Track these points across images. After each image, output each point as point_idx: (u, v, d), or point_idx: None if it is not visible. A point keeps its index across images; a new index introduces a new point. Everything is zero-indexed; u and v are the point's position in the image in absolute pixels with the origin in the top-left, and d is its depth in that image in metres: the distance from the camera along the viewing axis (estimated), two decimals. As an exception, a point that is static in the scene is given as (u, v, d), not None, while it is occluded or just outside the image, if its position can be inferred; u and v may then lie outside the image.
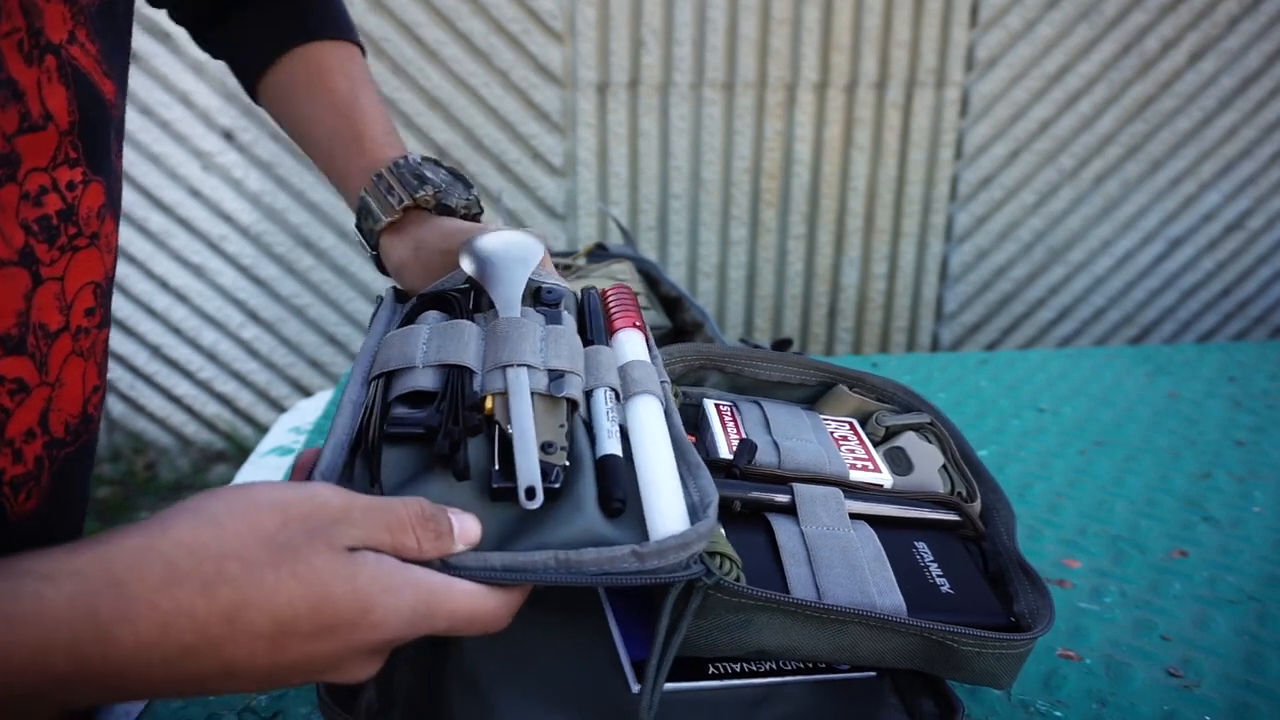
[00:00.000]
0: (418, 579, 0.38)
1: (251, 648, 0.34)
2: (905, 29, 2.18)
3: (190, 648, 0.33)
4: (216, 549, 0.34)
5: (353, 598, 0.35)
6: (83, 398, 0.48)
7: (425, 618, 0.37)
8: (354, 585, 0.36)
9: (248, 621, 0.34)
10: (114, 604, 0.32)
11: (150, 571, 0.33)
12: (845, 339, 2.46)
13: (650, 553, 0.39)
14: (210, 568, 0.34)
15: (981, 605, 0.51)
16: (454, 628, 0.39)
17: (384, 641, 0.37)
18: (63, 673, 0.31)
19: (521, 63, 2.13)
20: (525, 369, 0.45)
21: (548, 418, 0.44)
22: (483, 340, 0.47)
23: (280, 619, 0.34)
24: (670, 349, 0.62)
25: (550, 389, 0.45)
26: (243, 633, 0.34)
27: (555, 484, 0.41)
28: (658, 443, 0.46)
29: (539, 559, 0.38)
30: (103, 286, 0.49)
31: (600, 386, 0.47)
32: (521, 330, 0.47)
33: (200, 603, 0.33)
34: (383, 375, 0.47)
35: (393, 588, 0.37)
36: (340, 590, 0.35)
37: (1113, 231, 2.43)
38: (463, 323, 0.48)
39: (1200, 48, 2.28)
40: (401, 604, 0.37)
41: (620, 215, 2.26)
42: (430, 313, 0.51)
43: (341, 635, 0.36)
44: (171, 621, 0.32)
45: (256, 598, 0.34)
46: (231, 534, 0.35)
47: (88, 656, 0.31)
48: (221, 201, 2.18)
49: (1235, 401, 1.06)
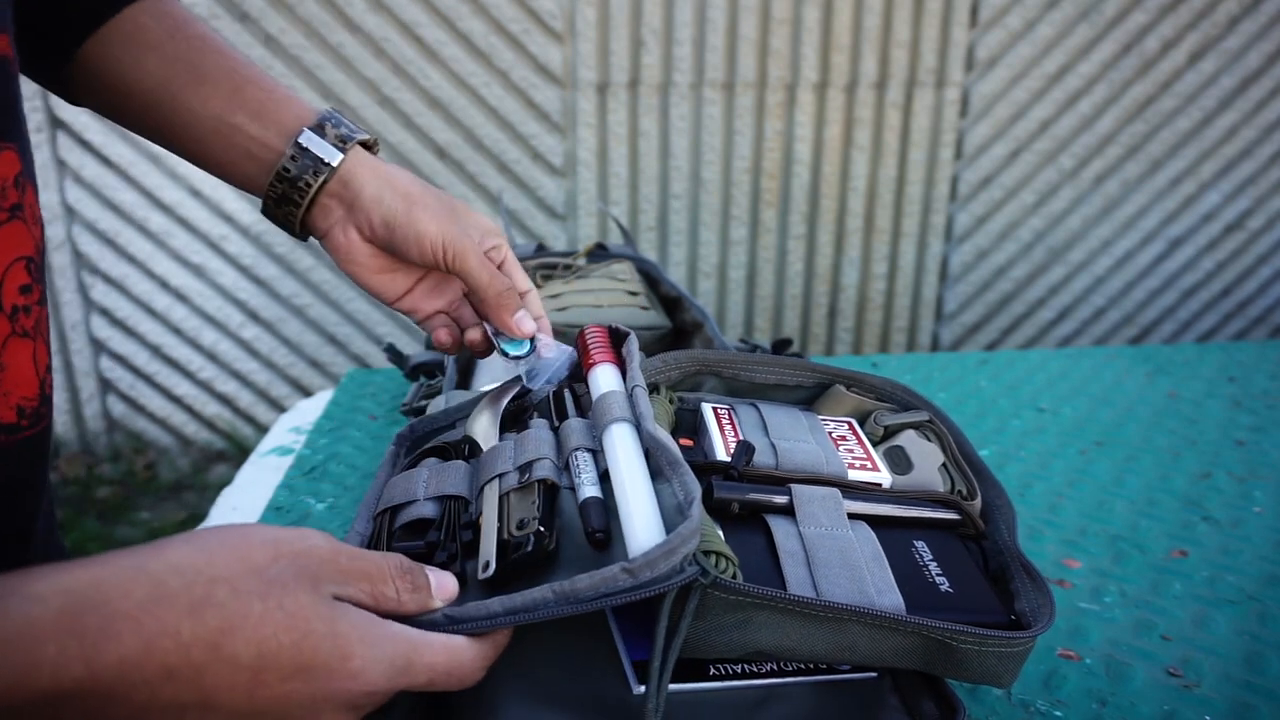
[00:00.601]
0: (395, 633, 0.39)
1: (232, 679, 0.34)
2: (905, 29, 2.18)
3: (172, 670, 0.33)
4: (208, 574, 0.35)
5: (332, 641, 0.36)
6: (38, 379, 0.47)
7: (404, 671, 0.38)
8: (334, 629, 0.36)
9: (231, 650, 0.34)
10: (100, 621, 0.32)
11: (138, 589, 0.33)
12: (845, 339, 2.46)
13: (639, 566, 0.40)
14: (199, 591, 0.34)
15: (981, 604, 0.51)
16: (433, 681, 0.40)
17: (363, 693, 0.37)
18: (48, 690, 0.31)
19: (521, 63, 2.13)
20: (496, 481, 0.52)
21: (521, 503, 0.50)
22: (472, 473, 0.56)
23: (263, 650, 0.35)
24: (666, 356, 0.62)
25: (520, 481, 0.51)
26: (225, 661, 0.34)
27: (528, 548, 0.46)
28: (630, 465, 0.49)
29: (537, 595, 0.41)
30: (35, 261, 0.47)
31: (574, 451, 0.53)
32: (494, 453, 0.55)
33: (186, 624, 0.33)
34: (388, 510, 0.54)
35: (371, 639, 0.37)
36: (321, 630, 0.36)
37: (1113, 231, 2.43)
38: (456, 463, 0.56)
39: (1200, 48, 2.28)
40: (380, 655, 0.37)
41: (620, 215, 2.26)
42: (429, 459, 0.58)
43: (320, 679, 0.36)
44: (155, 641, 0.33)
45: (242, 626, 0.34)
46: (223, 562, 0.35)
47: (73, 674, 0.31)
48: (221, 201, 2.18)
49: (1235, 401, 1.06)
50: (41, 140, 2.09)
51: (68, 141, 2.11)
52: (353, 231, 0.60)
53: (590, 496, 0.49)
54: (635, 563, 0.41)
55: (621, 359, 0.58)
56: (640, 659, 0.48)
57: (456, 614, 0.41)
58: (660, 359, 0.62)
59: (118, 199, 2.15)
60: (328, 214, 0.60)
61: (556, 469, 0.52)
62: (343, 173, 0.58)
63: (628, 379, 0.55)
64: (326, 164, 0.58)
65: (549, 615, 0.41)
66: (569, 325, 0.91)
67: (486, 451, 0.56)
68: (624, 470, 0.49)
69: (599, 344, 0.59)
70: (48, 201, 2.13)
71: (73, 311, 2.22)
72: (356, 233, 0.60)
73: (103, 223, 2.17)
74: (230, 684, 0.34)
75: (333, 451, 0.88)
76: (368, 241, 0.60)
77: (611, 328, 0.60)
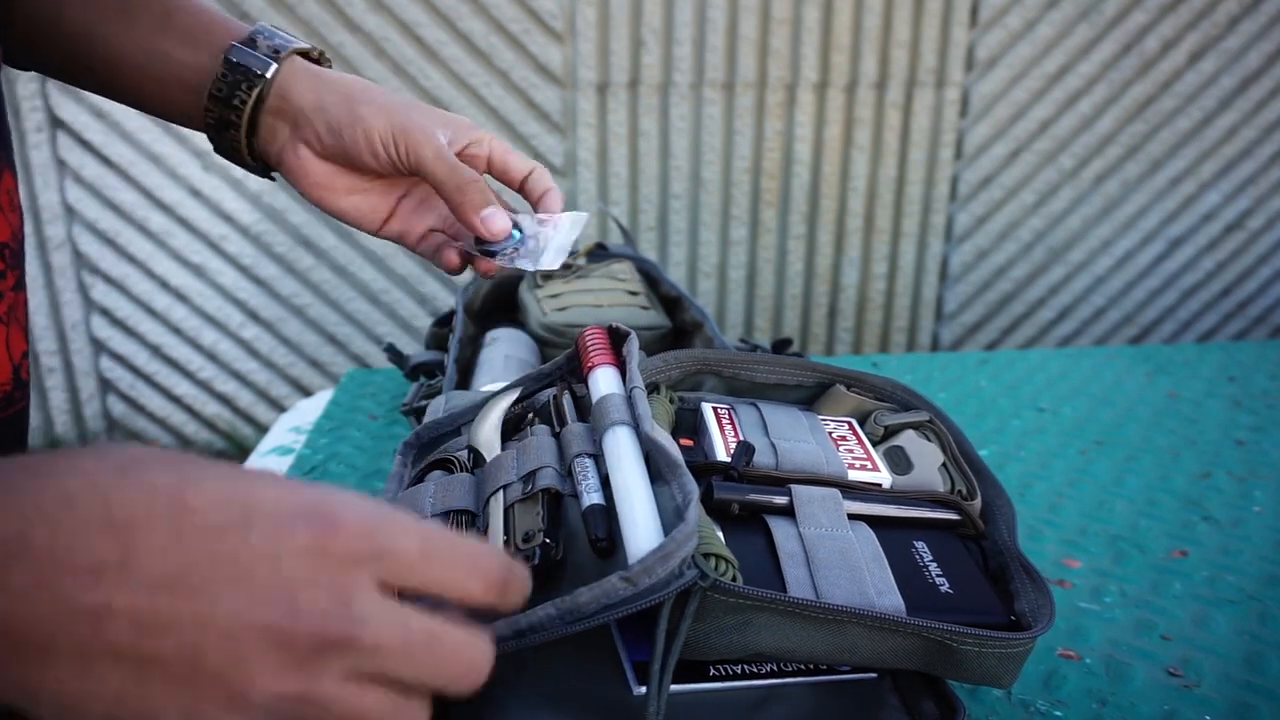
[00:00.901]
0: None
1: (150, 504, 0.27)
2: (905, 29, 2.18)
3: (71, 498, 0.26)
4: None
5: (272, 483, 0.29)
6: (11, 364, 0.46)
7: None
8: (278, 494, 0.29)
9: (142, 477, 0.27)
10: None
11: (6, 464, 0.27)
12: (845, 339, 2.46)
13: (637, 574, 0.40)
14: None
15: (981, 604, 0.51)
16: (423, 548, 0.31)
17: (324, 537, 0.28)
18: None
19: (521, 63, 2.13)
20: (500, 492, 0.52)
21: (526, 514, 0.50)
22: (477, 485, 0.56)
23: (183, 475, 0.28)
24: (666, 355, 0.62)
25: (524, 492, 0.51)
26: (137, 486, 0.27)
27: (535, 561, 0.46)
28: (628, 469, 0.49)
29: (540, 615, 0.41)
30: (11, 248, 0.46)
31: (575, 457, 0.53)
32: (497, 464, 0.55)
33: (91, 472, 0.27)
34: None
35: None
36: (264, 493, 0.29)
37: (1113, 231, 2.43)
38: (461, 476, 0.56)
39: (1200, 48, 2.28)
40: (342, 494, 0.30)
41: (620, 215, 2.26)
42: (435, 472, 0.58)
43: (264, 512, 0.28)
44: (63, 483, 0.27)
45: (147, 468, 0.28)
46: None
47: None
48: (221, 201, 2.18)
49: (1235, 401, 1.06)
50: (41, 140, 2.09)
51: (68, 141, 2.11)
52: (303, 149, 0.55)
53: (592, 504, 0.49)
54: (633, 570, 0.40)
55: (621, 360, 0.58)
56: (640, 659, 0.48)
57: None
58: (660, 359, 0.62)
59: (118, 199, 2.15)
60: (274, 135, 0.55)
61: (559, 476, 0.52)
62: (278, 85, 0.53)
63: (627, 380, 0.55)
64: (259, 75, 0.53)
65: (556, 634, 0.41)
66: (569, 325, 0.91)
67: (490, 462, 0.56)
68: (622, 475, 0.49)
69: (598, 346, 0.59)
70: (48, 201, 2.13)
71: (73, 311, 2.22)
72: (307, 149, 0.55)
73: (103, 223, 2.17)
74: (148, 514, 0.27)
75: (333, 451, 0.88)
76: (322, 158, 0.55)
77: (611, 327, 0.60)
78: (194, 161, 2.14)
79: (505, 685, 0.47)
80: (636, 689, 0.47)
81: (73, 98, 2.05)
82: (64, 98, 2.05)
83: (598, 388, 0.56)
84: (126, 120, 2.08)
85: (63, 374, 2.27)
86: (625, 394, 0.54)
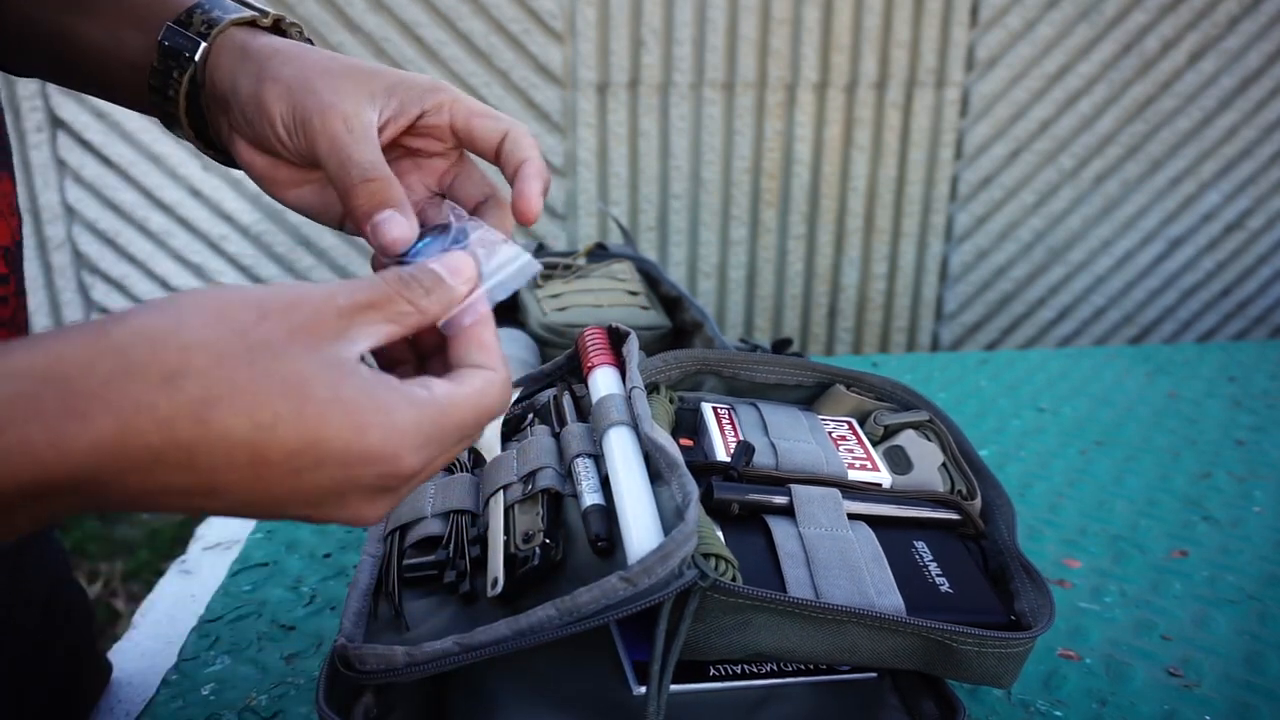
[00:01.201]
0: (414, 395, 0.33)
1: (230, 457, 0.30)
2: (905, 29, 2.18)
3: (157, 451, 0.29)
4: (181, 338, 0.30)
5: (341, 411, 0.31)
6: None
7: (433, 438, 0.34)
8: (339, 395, 0.31)
9: (220, 423, 0.29)
10: (61, 401, 0.28)
11: (102, 364, 0.28)
12: (845, 339, 2.46)
13: (637, 574, 0.40)
14: (172, 360, 0.29)
15: (981, 604, 0.51)
16: (467, 437, 0.36)
17: (391, 473, 0.33)
18: (26, 481, 0.27)
19: (521, 63, 2.13)
20: (501, 493, 0.52)
21: (525, 515, 0.50)
22: (477, 485, 0.56)
23: (258, 423, 0.30)
24: (666, 355, 0.62)
25: (525, 493, 0.51)
26: (216, 437, 0.29)
27: (535, 562, 0.47)
28: (628, 470, 0.49)
29: (541, 615, 0.41)
30: (12, 252, 0.45)
31: (575, 458, 0.53)
32: (497, 464, 0.55)
33: (162, 398, 0.29)
34: (397, 529, 0.53)
35: (387, 404, 0.32)
36: (324, 397, 0.31)
37: (1113, 231, 2.43)
38: (461, 475, 0.56)
39: (1200, 48, 2.28)
40: (402, 423, 0.32)
41: (620, 215, 2.26)
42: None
43: (335, 456, 0.31)
44: (131, 420, 0.28)
45: (229, 395, 0.30)
46: (198, 324, 0.30)
47: (44, 461, 0.27)
48: (221, 201, 2.18)
49: (1235, 401, 1.06)
50: (41, 140, 2.09)
51: (68, 141, 2.11)
52: (237, 139, 0.47)
53: (592, 504, 0.49)
54: (632, 570, 0.41)
55: (621, 360, 0.58)
56: (640, 659, 0.48)
57: (467, 641, 0.42)
58: (660, 358, 0.62)
59: (118, 199, 2.15)
60: (217, 125, 0.48)
61: (559, 477, 0.52)
62: (210, 67, 0.46)
63: (626, 381, 0.55)
64: (188, 58, 0.46)
65: (556, 635, 0.41)
66: (569, 325, 0.91)
67: (490, 462, 0.56)
68: (622, 476, 0.49)
69: (598, 346, 0.59)
70: (48, 201, 2.13)
71: (73, 311, 2.22)
72: (240, 138, 0.47)
73: (103, 223, 2.17)
74: (229, 463, 0.30)
75: (333, 451, 0.88)
76: (254, 148, 0.47)
77: (611, 327, 0.60)
78: (194, 161, 2.14)
79: (505, 685, 0.47)
80: (636, 689, 0.47)
81: (73, 98, 2.05)
82: (64, 98, 2.05)
83: (597, 388, 0.56)
84: (126, 120, 2.08)
85: (63, 374, 2.27)
86: (625, 394, 0.54)
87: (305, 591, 0.70)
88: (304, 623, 0.66)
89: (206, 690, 0.59)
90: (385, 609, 0.50)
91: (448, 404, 0.34)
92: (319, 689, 0.44)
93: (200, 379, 0.29)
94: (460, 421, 0.35)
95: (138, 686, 0.64)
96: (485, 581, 0.49)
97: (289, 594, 0.69)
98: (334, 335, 0.32)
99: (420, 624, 0.49)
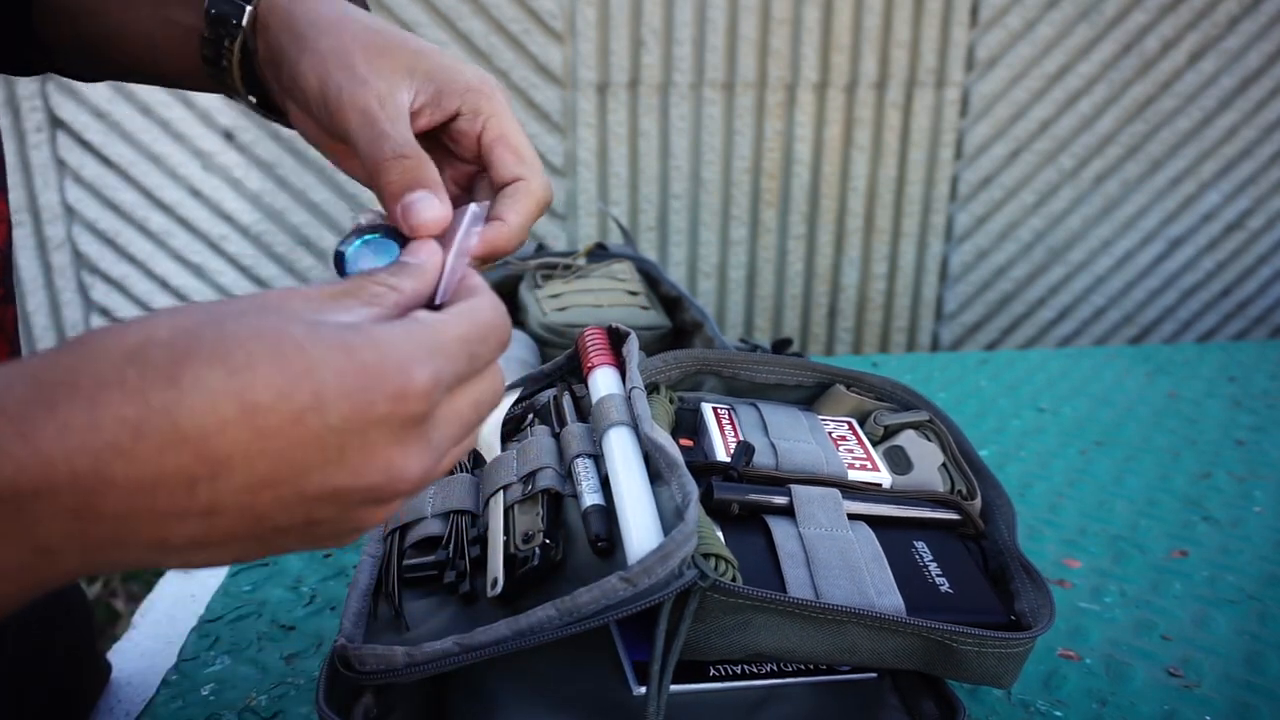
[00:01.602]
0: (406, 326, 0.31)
1: (220, 418, 0.27)
2: (905, 29, 2.18)
3: (135, 425, 0.26)
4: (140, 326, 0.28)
5: (318, 337, 0.29)
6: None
7: (439, 351, 0.31)
8: (315, 329, 0.29)
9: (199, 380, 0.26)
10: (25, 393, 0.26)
11: (64, 358, 0.27)
12: (845, 339, 2.46)
13: (637, 574, 0.41)
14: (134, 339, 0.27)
15: (981, 604, 0.51)
16: (475, 355, 0.32)
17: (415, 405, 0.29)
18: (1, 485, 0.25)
19: (521, 63, 2.13)
20: (500, 493, 0.52)
21: (525, 515, 0.50)
22: (477, 485, 0.56)
23: (233, 366, 0.27)
24: (666, 355, 0.62)
25: (524, 493, 0.51)
26: (199, 394, 0.26)
27: (535, 562, 0.47)
28: (627, 470, 0.49)
29: (541, 615, 0.41)
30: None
31: (575, 458, 0.53)
32: (497, 464, 0.55)
33: (130, 369, 0.26)
34: (397, 530, 0.54)
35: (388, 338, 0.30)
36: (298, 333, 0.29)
37: (1113, 231, 2.43)
38: (461, 475, 0.56)
39: (1200, 48, 2.28)
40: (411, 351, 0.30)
41: (620, 215, 2.26)
42: None
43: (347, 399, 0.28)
44: (96, 395, 0.26)
45: (206, 351, 0.27)
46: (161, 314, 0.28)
47: (15, 456, 0.25)
48: (221, 201, 2.18)
49: (1235, 401, 1.06)
50: (41, 140, 2.09)
51: (68, 141, 2.11)
52: (290, 105, 0.46)
53: (592, 504, 0.49)
54: (632, 570, 0.41)
55: (621, 360, 0.58)
56: (640, 659, 0.48)
57: (467, 642, 0.42)
58: (660, 358, 0.62)
59: (118, 199, 2.15)
60: (273, 92, 0.47)
61: (559, 477, 0.52)
62: (259, 30, 0.44)
63: (626, 381, 0.55)
64: (235, 25, 0.45)
65: (557, 635, 0.41)
66: (569, 325, 0.91)
67: (490, 462, 0.56)
68: (622, 476, 0.49)
69: (598, 346, 0.59)
70: (48, 201, 2.13)
71: (73, 311, 2.22)
72: (292, 105, 0.45)
73: (103, 223, 2.17)
74: (218, 420, 0.26)
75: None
76: (305, 113, 0.45)
77: (611, 328, 0.60)
78: (194, 161, 2.14)
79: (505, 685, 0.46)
80: (636, 689, 0.47)
81: (73, 98, 2.05)
82: (64, 98, 2.05)
83: (597, 388, 0.56)
84: (126, 120, 2.08)
85: (63, 374, 2.27)
86: (625, 394, 0.54)
87: (305, 591, 0.70)
88: (304, 623, 0.66)
89: (206, 690, 0.59)
90: (385, 609, 0.50)
91: (436, 322, 0.32)
92: (319, 689, 0.44)
93: (165, 347, 0.27)
94: (461, 334, 0.32)
95: (138, 686, 0.64)
96: (485, 582, 0.48)
97: (289, 594, 0.69)
98: (306, 310, 0.30)
99: (420, 624, 0.49)
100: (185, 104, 2.09)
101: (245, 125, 2.11)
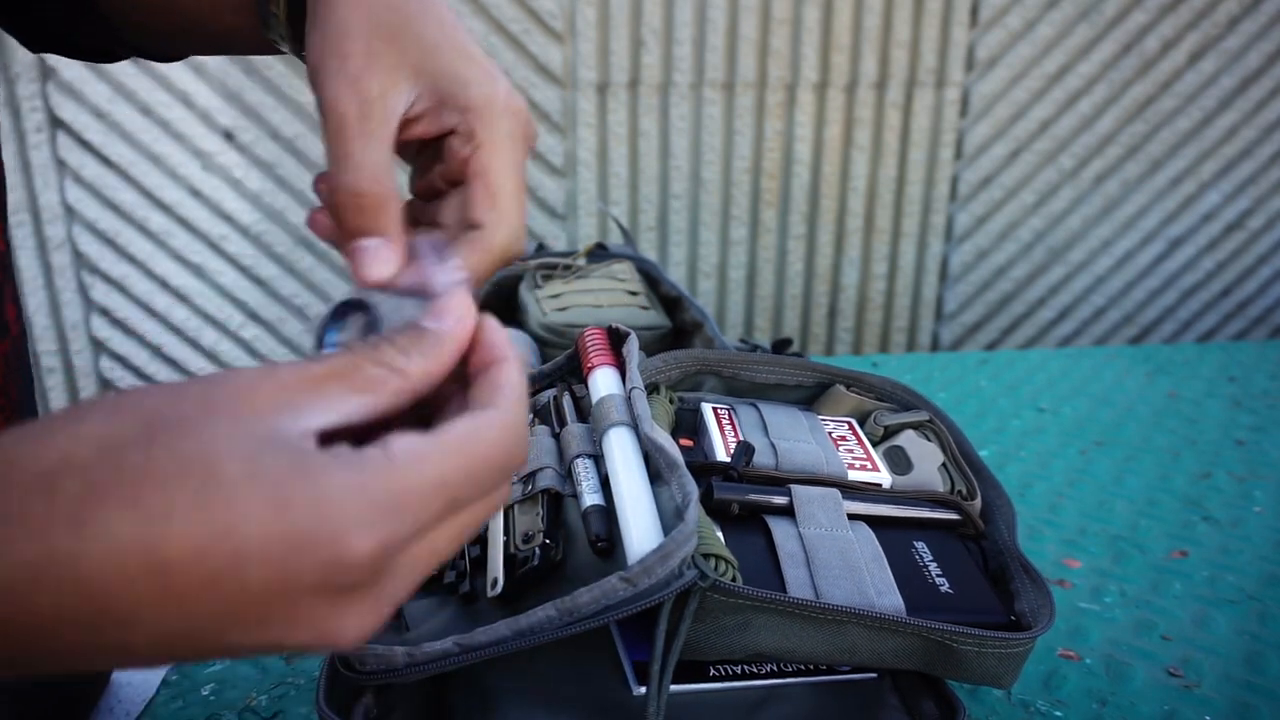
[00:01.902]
0: (354, 459, 0.26)
1: (120, 563, 0.24)
2: (905, 29, 2.18)
3: (37, 571, 0.23)
4: (66, 433, 0.25)
5: (252, 485, 0.25)
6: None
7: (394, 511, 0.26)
8: (254, 469, 0.25)
9: (101, 523, 0.23)
10: None
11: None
12: (845, 339, 2.46)
13: (637, 574, 0.41)
14: (53, 455, 0.24)
15: (981, 604, 0.51)
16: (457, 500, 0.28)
17: (336, 564, 0.25)
18: None
19: (521, 63, 2.13)
20: None
21: (525, 515, 0.50)
22: None
23: (149, 514, 0.24)
24: (666, 355, 0.62)
25: (524, 493, 0.51)
26: (100, 539, 0.23)
27: (535, 562, 0.47)
28: (627, 470, 0.49)
29: (541, 615, 0.41)
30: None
31: (575, 458, 0.53)
32: None
33: (38, 502, 0.24)
34: None
35: (313, 471, 0.25)
36: (234, 474, 0.25)
37: (1113, 231, 2.43)
38: None
39: (1200, 48, 2.28)
40: (333, 489, 0.25)
41: (620, 215, 2.26)
42: None
43: (255, 548, 0.25)
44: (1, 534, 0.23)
45: (111, 487, 0.24)
46: (99, 413, 0.25)
47: None
48: (221, 201, 2.18)
49: (1235, 401, 1.06)
50: (41, 140, 2.09)
51: (68, 141, 2.11)
52: None
53: (592, 504, 0.49)
54: (632, 570, 0.41)
55: (621, 360, 0.58)
56: (640, 660, 0.48)
57: (467, 642, 0.42)
58: (660, 359, 0.62)
59: (118, 199, 2.15)
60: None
61: (559, 477, 0.52)
62: None
63: (626, 381, 0.55)
64: None
65: (556, 635, 0.41)
66: (569, 325, 0.91)
67: None
68: (622, 476, 0.49)
69: (598, 346, 0.59)
70: (48, 202, 2.13)
71: (73, 311, 2.23)
72: None
73: (103, 223, 2.17)
74: (122, 576, 0.23)
75: (333, 452, 0.88)
76: None
77: (611, 328, 0.60)
78: (194, 161, 2.14)
79: (505, 685, 0.47)
80: (636, 689, 0.47)
81: (73, 98, 2.05)
82: (64, 98, 2.05)
83: (597, 388, 0.56)
84: (126, 120, 2.08)
85: (63, 374, 2.27)
86: (625, 394, 0.54)
87: (305, 591, 0.69)
88: (304, 623, 0.66)
89: (206, 690, 0.59)
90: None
91: (407, 461, 0.26)
92: (319, 689, 0.44)
93: (81, 474, 0.23)
94: (438, 479, 0.26)
95: (137, 686, 0.64)
96: (485, 581, 0.49)
97: (289, 594, 0.69)
98: (270, 408, 0.26)
99: (420, 624, 0.49)
100: (185, 104, 2.09)
101: (245, 125, 2.11)
